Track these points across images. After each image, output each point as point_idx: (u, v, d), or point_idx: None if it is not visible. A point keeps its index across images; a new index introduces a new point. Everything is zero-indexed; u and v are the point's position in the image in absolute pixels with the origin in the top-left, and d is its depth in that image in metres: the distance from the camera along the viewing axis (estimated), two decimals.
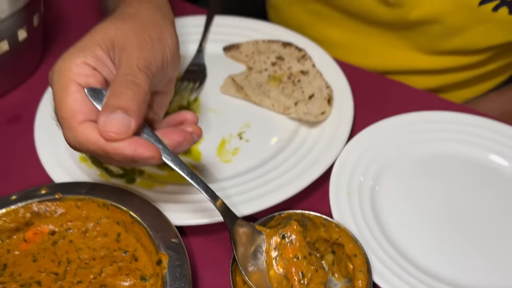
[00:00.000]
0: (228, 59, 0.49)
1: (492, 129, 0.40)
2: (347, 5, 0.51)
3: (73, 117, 0.26)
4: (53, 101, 0.28)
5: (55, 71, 0.28)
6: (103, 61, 0.28)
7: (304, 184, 0.35)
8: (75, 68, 0.27)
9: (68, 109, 0.26)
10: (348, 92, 0.43)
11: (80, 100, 0.27)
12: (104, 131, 0.25)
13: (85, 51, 0.28)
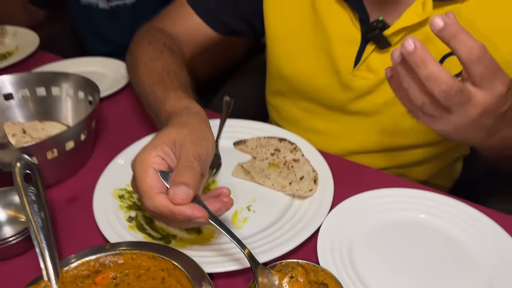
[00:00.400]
0: (237, 151, 0.64)
1: (437, 200, 0.53)
2: (328, 101, 0.67)
3: (152, 190, 0.40)
4: (134, 180, 0.42)
5: (137, 160, 0.42)
6: (169, 154, 0.43)
7: (298, 242, 0.47)
8: (151, 159, 0.41)
9: (148, 185, 0.40)
10: (329, 174, 0.57)
11: (155, 179, 0.40)
12: (173, 199, 0.39)
13: (157, 147, 0.42)
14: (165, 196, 0.40)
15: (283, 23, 0.69)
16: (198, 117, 0.49)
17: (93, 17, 1.13)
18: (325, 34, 0.64)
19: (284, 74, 0.72)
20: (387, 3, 0.59)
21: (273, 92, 0.78)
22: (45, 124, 0.68)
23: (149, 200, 0.41)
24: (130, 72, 0.69)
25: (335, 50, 0.64)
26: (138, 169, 0.42)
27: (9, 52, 0.96)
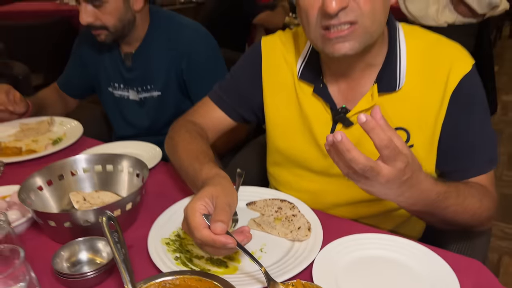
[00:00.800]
0: (250, 210, 0.84)
1: (398, 242, 0.74)
2: (313, 167, 0.91)
3: (199, 226, 0.61)
4: (185, 221, 0.63)
5: (188, 207, 0.64)
6: (208, 203, 0.64)
7: (298, 270, 0.66)
8: (197, 206, 0.63)
9: (197, 223, 0.61)
10: (319, 224, 0.77)
11: (201, 219, 0.62)
12: (214, 230, 0.60)
13: (201, 199, 0.64)
14: (208, 230, 0.62)
15: (277, 113, 0.94)
16: (225, 180, 0.72)
17: (123, 106, 1.39)
18: (307, 118, 0.89)
19: (280, 149, 0.96)
20: (348, 95, 0.85)
21: (272, 163, 1.01)
22: (100, 193, 0.88)
23: (198, 233, 0.62)
24: (170, 152, 0.92)
25: (314, 129, 0.89)
26: (189, 213, 0.64)
27: (59, 138, 1.19)
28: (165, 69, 1.29)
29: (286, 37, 0.96)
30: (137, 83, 1.33)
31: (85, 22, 1.17)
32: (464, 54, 0.82)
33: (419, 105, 0.81)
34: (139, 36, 1.29)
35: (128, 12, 1.21)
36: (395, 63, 0.81)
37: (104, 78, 1.38)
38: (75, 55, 1.45)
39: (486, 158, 0.84)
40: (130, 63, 1.31)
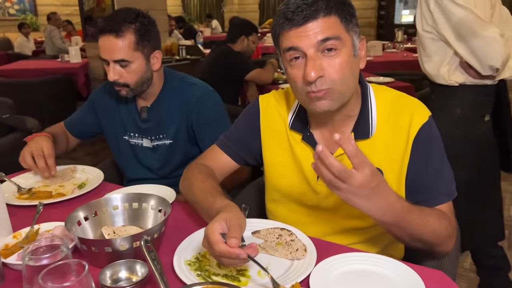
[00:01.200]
0: (255, 237, 1.01)
1: (377, 257, 0.90)
2: (305, 202, 1.08)
3: (218, 242, 0.78)
4: (205, 239, 0.81)
5: (208, 228, 0.81)
6: (223, 225, 0.82)
7: (298, 281, 0.82)
8: (216, 227, 0.81)
9: (215, 239, 0.79)
10: (313, 247, 0.94)
11: (219, 236, 0.79)
12: (229, 244, 0.77)
13: (218, 221, 0.82)
14: (225, 244, 0.79)
15: (274, 157, 1.14)
16: (236, 208, 0.91)
17: (137, 152, 1.57)
18: (298, 161, 1.08)
19: (277, 187, 1.14)
20: (330, 142, 1.04)
21: (270, 200, 1.19)
22: (127, 227, 1.04)
23: (217, 247, 0.79)
24: (186, 189, 1.10)
25: (305, 170, 1.07)
26: (209, 232, 0.81)
27: (83, 183, 1.35)
28: (177, 121, 1.49)
29: (279, 95, 1.17)
30: (151, 132, 1.52)
31: (113, 79, 1.38)
32: (422, 107, 1.03)
33: (388, 149, 1.01)
34: (155, 93, 1.50)
35: (148, 71, 1.43)
36: (367, 115, 1.02)
37: (120, 128, 1.57)
38: (91, 103, 1.64)
39: (445, 191, 1.03)
40: (145, 115, 1.51)
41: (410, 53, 4.93)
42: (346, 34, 0.92)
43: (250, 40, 3.24)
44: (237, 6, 13.38)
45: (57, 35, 6.39)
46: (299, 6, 0.89)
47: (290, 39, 0.91)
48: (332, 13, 0.90)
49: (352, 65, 0.94)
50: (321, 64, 0.90)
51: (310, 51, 0.90)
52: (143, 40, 1.38)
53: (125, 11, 1.39)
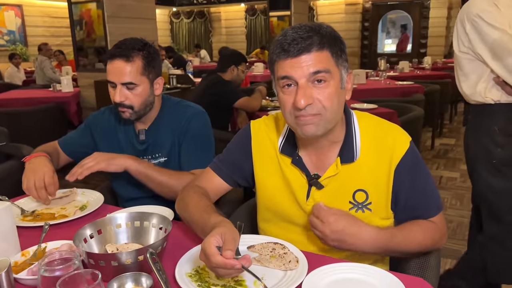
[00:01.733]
0: (250, 252, 1.08)
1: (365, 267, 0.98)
2: (295, 221, 1.16)
3: (214, 254, 0.86)
4: (203, 252, 0.88)
5: (205, 242, 0.88)
6: (219, 239, 0.89)
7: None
8: (212, 240, 0.88)
9: (212, 251, 0.86)
10: (304, 259, 1.01)
11: (215, 249, 0.86)
12: (225, 256, 0.84)
13: (214, 235, 0.89)
14: (220, 256, 0.86)
15: (265, 179, 1.22)
16: (229, 224, 0.98)
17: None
18: (288, 183, 1.17)
19: (268, 207, 1.22)
20: (318, 165, 1.14)
21: (262, 219, 1.27)
22: (129, 244, 1.11)
23: (213, 258, 0.86)
24: (182, 209, 1.18)
25: (295, 191, 1.16)
26: (206, 245, 0.88)
27: (85, 205, 1.42)
28: (171, 138, 1.60)
29: (269, 120, 1.26)
30: (149, 152, 1.62)
31: (119, 100, 1.48)
32: (403, 133, 1.12)
33: (372, 172, 1.10)
34: (153, 116, 1.61)
35: (151, 95, 1.55)
36: (352, 141, 1.11)
37: (117, 151, 1.64)
38: (87, 126, 1.72)
39: (434, 206, 1.14)
40: (143, 137, 1.61)
41: (393, 80, 5.13)
42: (335, 68, 1.01)
43: (239, 70, 3.37)
44: (225, 37, 13.71)
45: (48, 65, 6.48)
46: (295, 39, 0.98)
47: (285, 68, 1.00)
48: (325, 48, 0.99)
49: (339, 96, 1.03)
50: (311, 93, 0.99)
51: (301, 81, 0.99)
52: (149, 66, 1.50)
53: (134, 40, 1.51)
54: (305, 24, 1.01)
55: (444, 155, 4.77)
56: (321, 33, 0.99)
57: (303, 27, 1.00)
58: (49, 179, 1.40)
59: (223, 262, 0.85)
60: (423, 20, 10.85)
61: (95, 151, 1.70)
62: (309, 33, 0.98)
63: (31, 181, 1.39)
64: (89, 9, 4.34)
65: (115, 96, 1.48)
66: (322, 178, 1.12)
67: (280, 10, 7.51)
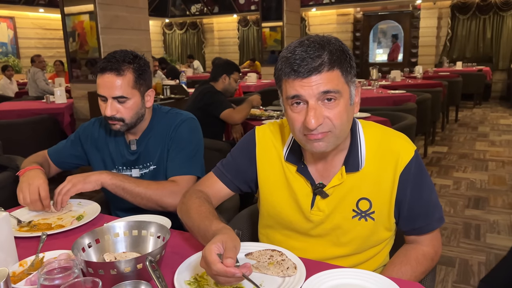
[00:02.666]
0: (248, 259, 1.09)
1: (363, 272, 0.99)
2: (298, 229, 1.16)
3: (215, 261, 0.86)
4: (203, 259, 0.88)
5: (206, 249, 0.89)
6: (220, 246, 0.90)
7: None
8: (212, 248, 0.88)
9: (213, 259, 0.86)
10: (302, 265, 1.02)
11: (216, 256, 0.87)
12: (225, 264, 0.85)
13: (214, 243, 0.90)
14: (221, 264, 0.86)
15: (269, 185, 1.22)
16: (231, 231, 0.98)
17: None
18: (293, 191, 1.17)
19: (271, 214, 1.22)
20: (323, 174, 1.15)
21: (264, 225, 1.27)
22: (127, 253, 1.11)
23: (214, 266, 0.86)
24: (184, 213, 1.18)
25: (299, 199, 1.16)
26: (206, 253, 0.89)
27: (81, 215, 1.41)
28: (160, 146, 1.61)
29: (274, 127, 1.26)
30: (139, 162, 1.63)
31: (110, 114, 1.48)
32: (408, 142, 1.13)
33: (376, 182, 1.11)
34: (144, 126, 1.62)
35: (142, 108, 1.55)
36: (357, 150, 1.12)
37: (108, 161, 1.65)
38: (77, 137, 1.72)
39: (436, 217, 1.15)
40: (135, 147, 1.61)
41: (385, 89, 5.18)
42: (345, 86, 1.00)
43: (231, 79, 3.39)
44: (217, 48, 13.78)
45: (41, 76, 6.47)
46: (305, 58, 0.96)
47: (294, 87, 0.98)
48: (335, 67, 0.97)
49: (348, 113, 1.02)
50: (321, 112, 0.98)
51: (311, 100, 0.97)
52: (140, 79, 1.50)
53: (124, 53, 1.51)
54: (313, 39, 0.99)
55: (437, 163, 4.81)
56: (331, 50, 0.97)
57: (312, 44, 0.97)
58: (43, 192, 1.40)
59: (224, 270, 0.85)
60: (413, 30, 11.00)
61: (85, 161, 1.72)
62: (318, 52, 0.96)
63: (26, 194, 1.39)
64: (81, 20, 4.36)
65: (106, 110, 1.48)
66: (327, 187, 1.12)
67: (273, 21, 7.57)
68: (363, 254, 1.17)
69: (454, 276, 2.49)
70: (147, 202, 1.45)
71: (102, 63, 1.48)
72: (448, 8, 10.44)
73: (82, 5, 4.27)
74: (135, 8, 4.54)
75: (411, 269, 1.09)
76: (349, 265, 1.15)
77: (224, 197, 1.29)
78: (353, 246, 1.15)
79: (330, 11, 11.70)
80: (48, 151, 1.74)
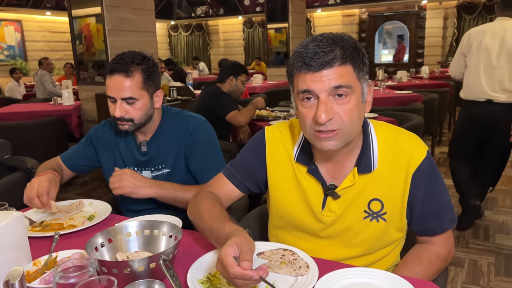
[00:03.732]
0: (260, 258, 1.08)
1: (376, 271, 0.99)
2: (309, 230, 1.16)
3: (231, 264, 0.86)
4: (219, 262, 0.88)
5: (222, 252, 0.89)
6: (235, 249, 0.90)
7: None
8: (229, 251, 0.88)
9: (230, 262, 0.86)
10: (314, 264, 1.02)
11: (232, 259, 0.87)
12: (242, 266, 0.85)
13: (230, 245, 0.90)
14: (238, 267, 0.86)
15: (280, 186, 1.21)
16: (245, 233, 0.98)
17: None
18: (303, 191, 1.17)
19: (282, 215, 1.22)
20: (335, 175, 1.14)
21: (274, 226, 1.27)
22: (139, 253, 1.11)
23: (231, 269, 0.86)
24: (195, 215, 1.18)
25: (310, 200, 1.16)
26: (223, 256, 0.88)
27: (92, 215, 1.42)
28: (175, 150, 1.61)
29: (283, 127, 1.25)
30: (151, 164, 1.63)
31: (119, 115, 1.49)
32: (420, 143, 1.12)
33: (388, 183, 1.10)
34: (154, 127, 1.62)
35: (151, 108, 1.56)
36: (369, 151, 1.11)
37: (119, 162, 1.66)
38: (89, 139, 1.73)
39: (448, 218, 1.14)
40: (145, 148, 1.62)
41: (392, 90, 5.17)
42: (357, 82, 0.99)
43: (239, 80, 3.39)
44: (223, 49, 13.81)
45: (48, 79, 6.51)
46: (317, 52, 0.95)
47: (306, 82, 0.97)
48: (347, 62, 0.96)
49: (359, 110, 1.01)
50: (332, 108, 0.97)
51: (322, 95, 0.96)
52: (149, 80, 1.51)
53: (132, 54, 1.51)
54: (327, 35, 0.99)
55: (444, 163, 4.78)
56: (343, 46, 0.97)
57: (324, 40, 0.97)
58: (41, 188, 1.40)
59: (241, 273, 0.85)
60: (419, 31, 10.97)
61: (97, 164, 1.72)
62: (331, 47, 0.96)
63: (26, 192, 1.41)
64: (88, 23, 4.39)
65: (115, 111, 1.49)
66: (338, 188, 1.11)
67: (278, 22, 7.57)
68: (374, 255, 1.16)
69: (463, 277, 2.47)
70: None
71: (111, 65, 1.49)
72: (454, 8, 10.41)
73: (89, 7, 4.31)
74: (142, 10, 4.56)
75: (424, 268, 1.09)
76: (364, 264, 1.15)
77: (234, 198, 1.29)
78: (364, 247, 1.15)
79: (335, 12, 11.70)
80: (61, 157, 1.75)
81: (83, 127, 4.61)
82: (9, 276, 0.86)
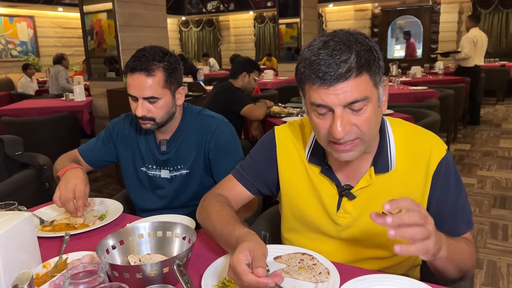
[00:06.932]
0: (277, 263, 1.04)
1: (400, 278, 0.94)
2: (325, 232, 1.11)
3: (245, 272, 0.81)
4: (231, 269, 0.83)
5: (234, 258, 0.84)
6: (247, 255, 0.85)
7: None
8: (241, 258, 0.83)
9: (243, 269, 0.81)
10: (335, 270, 0.97)
11: (245, 267, 0.82)
12: (256, 274, 0.80)
13: (242, 252, 0.85)
14: (252, 274, 0.81)
15: (292, 187, 1.17)
16: (256, 236, 0.93)
17: (155, 182, 1.61)
18: (317, 192, 1.12)
19: (297, 216, 1.17)
20: (349, 175, 1.09)
21: (289, 229, 1.22)
22: (152, 255, 1.07)
23: (245, 277, 0.81)
24: (204, 218, 1.13)
25: (325, 201, 1.11)
26: (235, 263, 0.84)
27: (104, 215, 1.39)
28: (195, 151, 1.56)
29: (294, 127, 1.20)
30: (170, 164, 1.58)
31: (141, 114, 1.44)
32: (439, 141, 1.07)
33: (407, 183, 1.05)
34: (174, 126, 1.57)
35: (173, 106, 1.50)
36: (386, 150, 1.05)
37: (138, 159, 1.62)
38: (108, 133, 1.68)
39: (464, 221, 1.07)
40: (165, 148, 1.57)
41: (406, 86, 5.07)
42: (373, 89, 0.93)
43: (251, 77, 3.34)
44: (233, 45, 13.75)
45: (63, 75, 6.54)
46: (330, 64, 0.88)
47: (320, 96, 0.91)
48: (363, 71, 0.89)
49: (377, 116, 0.96)
50: (349, 120, 0.91)
51: (338, 109, 0.90)
52: (171, 77, 1.45)
53: (154, 50, 1.44)
54: (339, 38, 0.90)
55: (460, 161, 4.69)
56: (358, 51, 0.89)
57: (337, 47, 0.88)
58: (78, 192, 1.34)
59: (256, 280, 0.80)
60: (433, 25, 10.79)
61: (116, 159, 1.68)
62: (345, 55, 0.88)
63: (63, 192, 1.32)
64: (99, 19, 4.37)
65: (136, 110, 1.44)
66: (354, 189, 1.06)
67: (290, 17, 7.47)
68: (394, 257, 1.11)
69: (482, 279, 2.40)
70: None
71: (131, 62, 1.42)
72: (469, 2, 10.20)
73: (101, 3, 4.28)
74: (153, 6, 4.53)
75: (466, 246, 1.01)
76: (379, 268, 1.10)
77: (244, 200, 1.24)
78: (385, 248, 1.09)
79: (348, 6, 11.56)
80: (79, 150, 1.70)
81: (94, 123, 4.60)
82: (17, 280, 0.83)
